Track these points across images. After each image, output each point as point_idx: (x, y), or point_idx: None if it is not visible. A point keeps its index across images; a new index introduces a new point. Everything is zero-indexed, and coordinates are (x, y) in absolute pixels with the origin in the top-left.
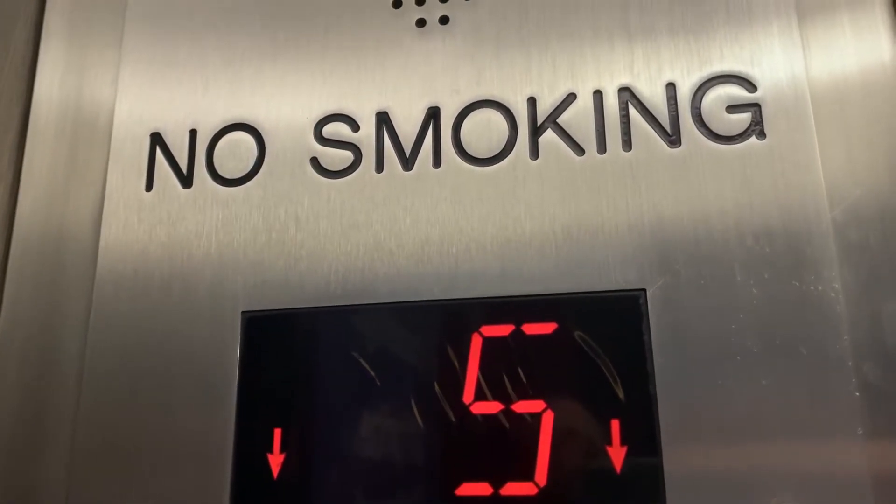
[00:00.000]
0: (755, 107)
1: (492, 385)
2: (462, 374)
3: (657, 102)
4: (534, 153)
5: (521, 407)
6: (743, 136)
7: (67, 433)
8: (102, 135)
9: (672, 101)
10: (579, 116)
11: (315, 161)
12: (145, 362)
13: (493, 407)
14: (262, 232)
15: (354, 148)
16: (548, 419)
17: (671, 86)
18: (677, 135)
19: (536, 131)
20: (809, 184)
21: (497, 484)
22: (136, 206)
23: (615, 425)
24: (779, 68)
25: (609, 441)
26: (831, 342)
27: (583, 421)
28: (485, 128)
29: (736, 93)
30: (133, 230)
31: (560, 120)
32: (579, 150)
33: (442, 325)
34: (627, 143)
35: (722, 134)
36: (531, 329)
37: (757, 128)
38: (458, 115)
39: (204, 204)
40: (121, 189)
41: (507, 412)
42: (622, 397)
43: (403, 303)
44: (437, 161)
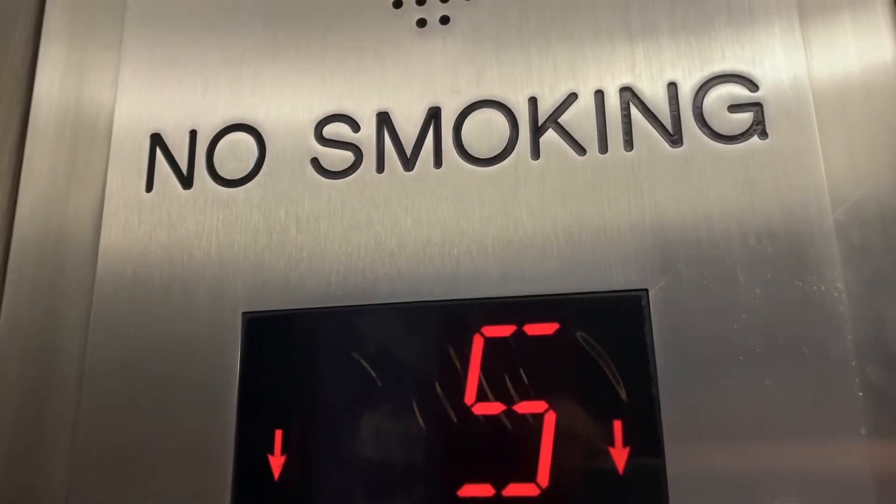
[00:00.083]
0: (757, 106)
1: (493, 386)
2: (464, 375)
3: (659, 102)
4: (535, 153)
5: (523, 408)
6: (745, 136)
7: (67, 435)
8: (102, 136)
9: (674, 101)
10: (580, 116)
11: (315, 161)
12: (145, 363)
13: (495, 408)
14: (263, 233)
15: (355, 148)
16: (550, 420)
17: (673, 85)
18: (679, 135)
19: (537, 131)
20: (812, 184)
21: (499, 485)
22: (137, 207)
23: (617, 426)
24: (780, 68)
25: (611, 442)
26: (834, 342)
27: (585, 422)
28: (486, 128)
29: (738, 92)
30: (133, 231)
31: (561, 120)
32: (581, 150)
33: (443, 326)
34: (629, 143)
35: (724, 134)
36: (533, 330)
37: (759, 127)
38: (459, 116)
39: (204, 205)
40: (121, 190)
41: (509, 413)
42: (624, 398)
43: (405, 303)
44: (438, 161)
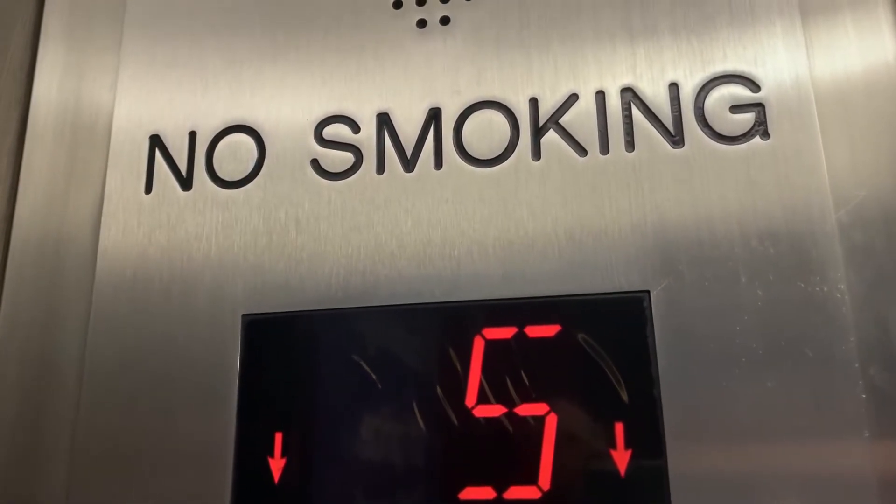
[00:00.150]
0: (759, 107)
1: (494, 388)
2: (464, 377)
3: (660, 103)
4: (536, 154)
5: (525, 410)
6: (747, 137)
7: (67, 435)
8: (101, 137)
9: (675, 102)
10: (581, 117)
11: (315, 163)
12: (145, 366)
13: (496, 410)
14: (263, 234)
15: (355, 149)
16: (551, 422)
17: (674, 86)
18: (680, 135)
19: (538, 132)
20: (814, 184)
21: (500, 488)
22: (136, 209)
23: (619, 428)
24: (782, 68)
25: (613, 444)
26: (837, 344)
27: (586, 424)
28: (486, 129)
29: (739, 93)
30: (132, 233)
31: (562, 121)
32: (582, 151)
33: (444, 328)
34: (630, 144)
35: (725, 134)
36: (534, 331)
37: (761, 128)
38: (460, 116)
39: (204, 206)
40: (120, 192)
41: (510, 415)
42: (626, 400)
43: (405, 305)
44: (439, 162)
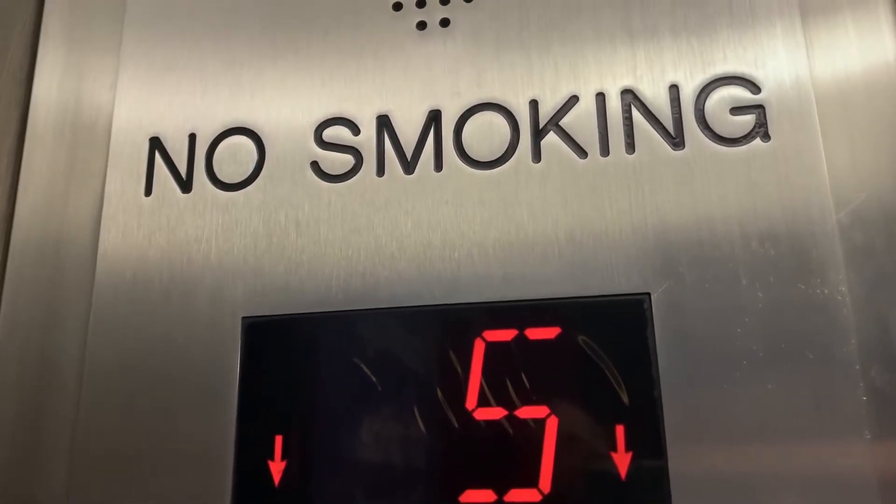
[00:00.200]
0: (759, 108)
1: (495, 390)
2: (465, 380)
3: (660, 104)
4: (536, 156)
5: (525, 412)
6: (747, 138)
7: (67, 436)
8: (101, 139)
9: (675, 103)
10: (582, 119)
11: (315, 165)
12: (145, 368)
13: (497, 413)
14: (263, 237)
15: (355, 151)
16: (552, 425)
17: (674, 88)
18: (681, 137)
19: (538, 134)
20: (814, 186)
21: (501, 491)
22: (136, 211)
23: (620, 430)
24: (783, 69)
25: (614, 446)
26: (838, 346)
27: (587, 426)
28: (486, 130)
29: (740, 94)
30: (132, 235)
31: (562, 122)
32: (582, 153)
33: (444, 330)
34: (630, 146)
35: (726, 136)
36: (534, 334)
37: (761, 129)
38: (460, 118)
39: (203, 209)
40: (120, 194)
41: (511, 418)
42: (627, 402)
43: (405, 307)
44: (439, 164)
